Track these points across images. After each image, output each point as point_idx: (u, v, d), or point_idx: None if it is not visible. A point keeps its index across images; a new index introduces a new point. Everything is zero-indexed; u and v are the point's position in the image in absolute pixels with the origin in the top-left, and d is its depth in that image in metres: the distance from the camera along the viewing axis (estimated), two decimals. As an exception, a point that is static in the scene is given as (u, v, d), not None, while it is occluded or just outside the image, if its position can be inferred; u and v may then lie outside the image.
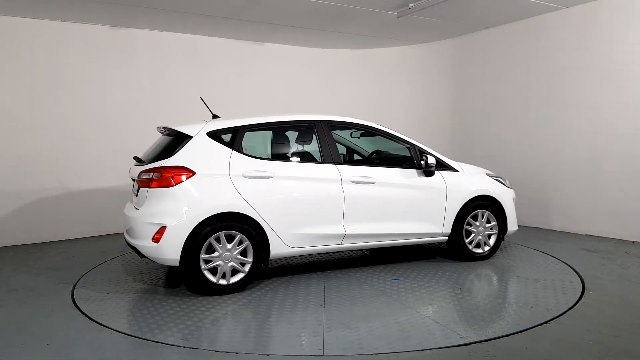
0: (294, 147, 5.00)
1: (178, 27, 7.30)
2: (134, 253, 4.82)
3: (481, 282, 4.71)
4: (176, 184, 4.18)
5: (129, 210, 4.63)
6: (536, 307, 3.88)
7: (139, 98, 7.36)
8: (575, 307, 3.88)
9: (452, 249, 5.36)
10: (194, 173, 4.24)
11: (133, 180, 4.82)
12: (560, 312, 3.74)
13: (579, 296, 4.13)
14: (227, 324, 3.71)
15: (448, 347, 3.18)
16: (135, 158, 4.82)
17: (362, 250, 5.81)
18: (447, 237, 5.24)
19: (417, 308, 3.95)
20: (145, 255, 4.27)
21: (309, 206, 4.61)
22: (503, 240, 5.52)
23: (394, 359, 3.03)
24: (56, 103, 6.79)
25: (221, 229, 4.25)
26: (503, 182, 5.61)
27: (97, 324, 3.66)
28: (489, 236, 5.40)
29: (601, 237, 6.44)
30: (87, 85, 6.99)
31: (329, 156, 4.79)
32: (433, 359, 3.04)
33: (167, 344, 3.28)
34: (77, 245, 6.52)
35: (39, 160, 6.69)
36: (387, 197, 4.91)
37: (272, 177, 4.48)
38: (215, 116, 5.03)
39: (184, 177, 4.20)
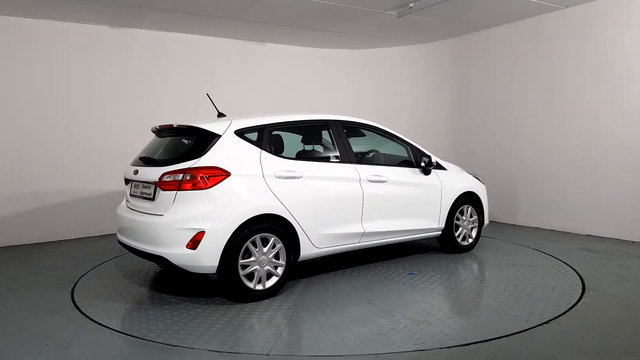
0: (316, 147, 4.99)
1: (178, 27, 7.30)
2: (132, 254, 4.78)
3: (488, 275, 4.76)
4: (213, 186, 3.92)
5: (133, 214, 4.32)
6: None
7: (139, 98, 7.36)
8: (575, 307, 3.88)
9: (443, 242, 5.73)
10: (229, 174, 4.01)
11: (128, 181, 4.59)
12: (560, 312, 3.74)
13: (579, 296, 4.13)
14: (295, 328, 3.57)
15: (448, 347, 3.18)
16: (144, 159, 4.52)
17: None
18: (440, 232, 5.56)
19: (460, 299, 4.17)
20: (176, 263, 3.91)
21: (334, 206, 4.61)
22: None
23: (394, 358, 3.03)
24: (56, 103, 6.79)
25: (257, 231, 4.06)
26: (479, 178, 6.06)
27: (97, 324, 3.66)
28: (471, 229, 5.84)
29: (601, 237, 6.44)
30: (87, 86, 6.98)
31: (345, 155, 4.83)
32: (433, 358, 3.04)
33: (167, 344, 3.28)
34: (77, 245, 6.52)
35: (40, 160, 6.69)
36: (397, 195, 5.11)
37: (301, 177, 4.39)
38: (220, 114, 4.95)
39: (220, 178, 3.96)
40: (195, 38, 7.75)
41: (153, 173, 4.16)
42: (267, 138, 4.39)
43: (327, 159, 4.82)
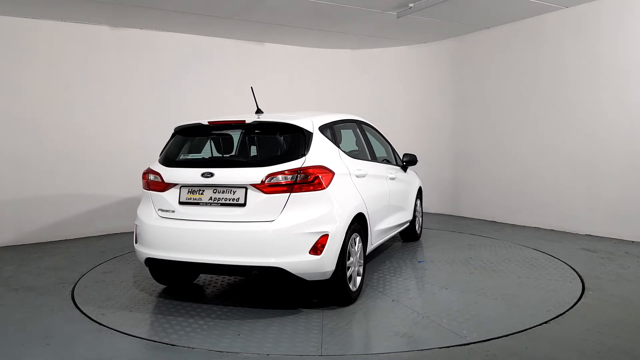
0: (361, 146, 5.07)
1: (178, 27, 7.30)
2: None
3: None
4: (328, 186, 3.69)
5: (199, 225, 3.70)
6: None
7: (139, 98, 7.36)
8: (575, 307, 3.88)
9: (406, 232, 6.15)
10: (334, 173, 3.81)
11: (168, 186, 3.88)
12: (560, 312, 3.74)
13: (578, 296, 4.13)
14: (447, 318, 3.66)
15: (448, 347, 3.18)
16: (217, 160, 4.09)
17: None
18: (409, 223, 6.01)
19: (502, 279, 4.63)
20: (295, 273, 3.54)
21: (381, 202, 4.79)
22: None
23: (394, 358, 3.03)
24: (56, 103, 6.78)
25: (353, 231, 3.95)
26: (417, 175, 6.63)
27: (97, 324, 3.66)
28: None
29: (601, 237, 6.44)
30: (87, 86, 6.98)
31: (373, 154, 5.00)
32: (433, 358, 3.04)
33: (167, 344, 3.28)
34: (77, 245, 6.52)
35: (40, 160, 6.68)
36: (399, 191, 5.46)
37: (366, 175, 4.43)
38: (259, 110, 4.65)
39: (331, 177, 3.75)
40: (195, 38, 7.75)
41: (247, 175, 3.64)
42: (336, 136, 4.34)
43: (370, 158, 4.91)
